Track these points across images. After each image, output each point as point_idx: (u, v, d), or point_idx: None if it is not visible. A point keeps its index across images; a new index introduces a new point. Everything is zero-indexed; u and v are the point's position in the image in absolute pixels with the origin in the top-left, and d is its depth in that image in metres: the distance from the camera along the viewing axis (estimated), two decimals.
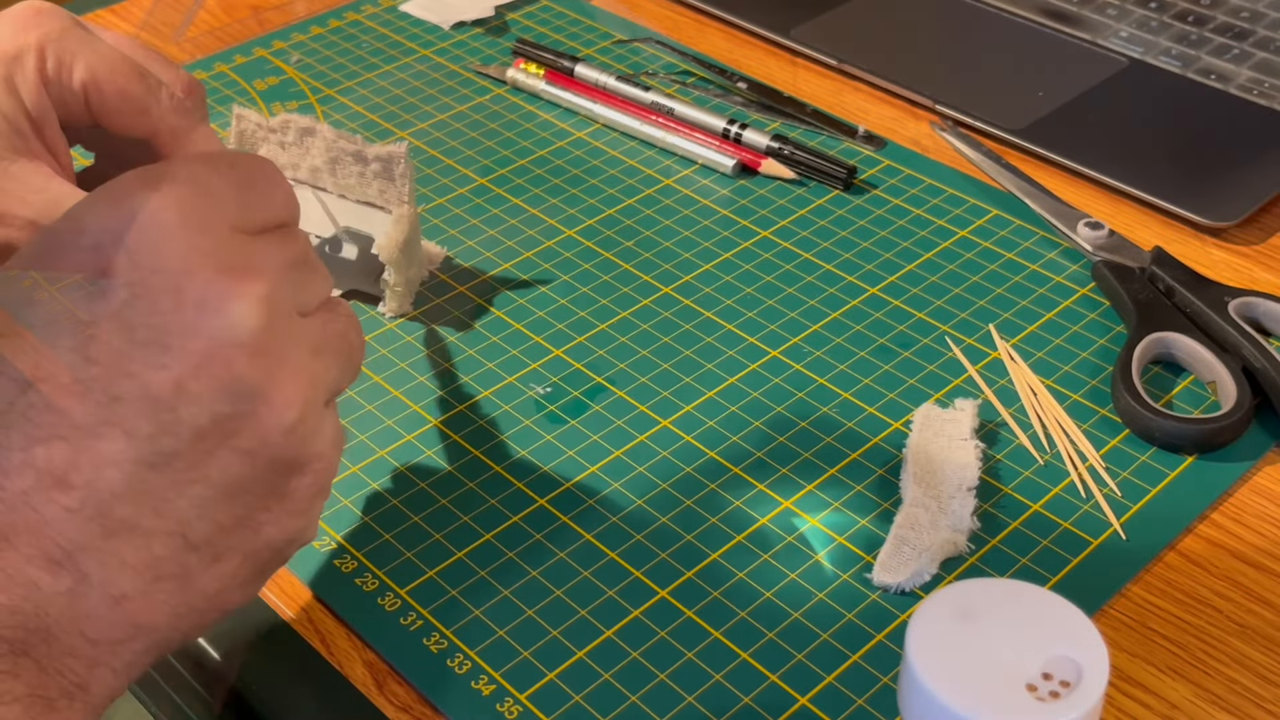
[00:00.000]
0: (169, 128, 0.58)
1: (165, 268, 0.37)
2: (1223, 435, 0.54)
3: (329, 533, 0.52)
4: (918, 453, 0.54)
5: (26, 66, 0.56)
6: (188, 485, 0.37)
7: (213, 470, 0.38)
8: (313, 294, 0.42)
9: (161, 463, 0.37)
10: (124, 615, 0.37)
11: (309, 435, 0.39)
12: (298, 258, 0.41)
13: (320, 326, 0.41)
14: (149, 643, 0.38)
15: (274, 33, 0.82)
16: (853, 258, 0.65)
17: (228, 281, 0.37)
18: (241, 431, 0.38)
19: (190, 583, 0.38)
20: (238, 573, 0.40)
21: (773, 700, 0.46)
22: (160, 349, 0.37)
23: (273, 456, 0.39)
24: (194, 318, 0.37)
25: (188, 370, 0.37)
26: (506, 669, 0.47)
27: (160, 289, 0.37)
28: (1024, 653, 0.35)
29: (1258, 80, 0.75)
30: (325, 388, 0.41)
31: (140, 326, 0.37)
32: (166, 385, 0.37)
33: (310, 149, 0.62)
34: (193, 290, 0.37)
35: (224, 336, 0.37)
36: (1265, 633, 0.48)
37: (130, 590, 0.37)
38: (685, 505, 0.53)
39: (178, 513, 0.37)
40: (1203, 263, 0.64)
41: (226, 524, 0.39)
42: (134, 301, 0.37)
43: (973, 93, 0.75)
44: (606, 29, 0.82)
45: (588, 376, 0.59)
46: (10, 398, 0.36)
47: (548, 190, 0.70)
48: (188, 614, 0.39)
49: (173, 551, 0.38)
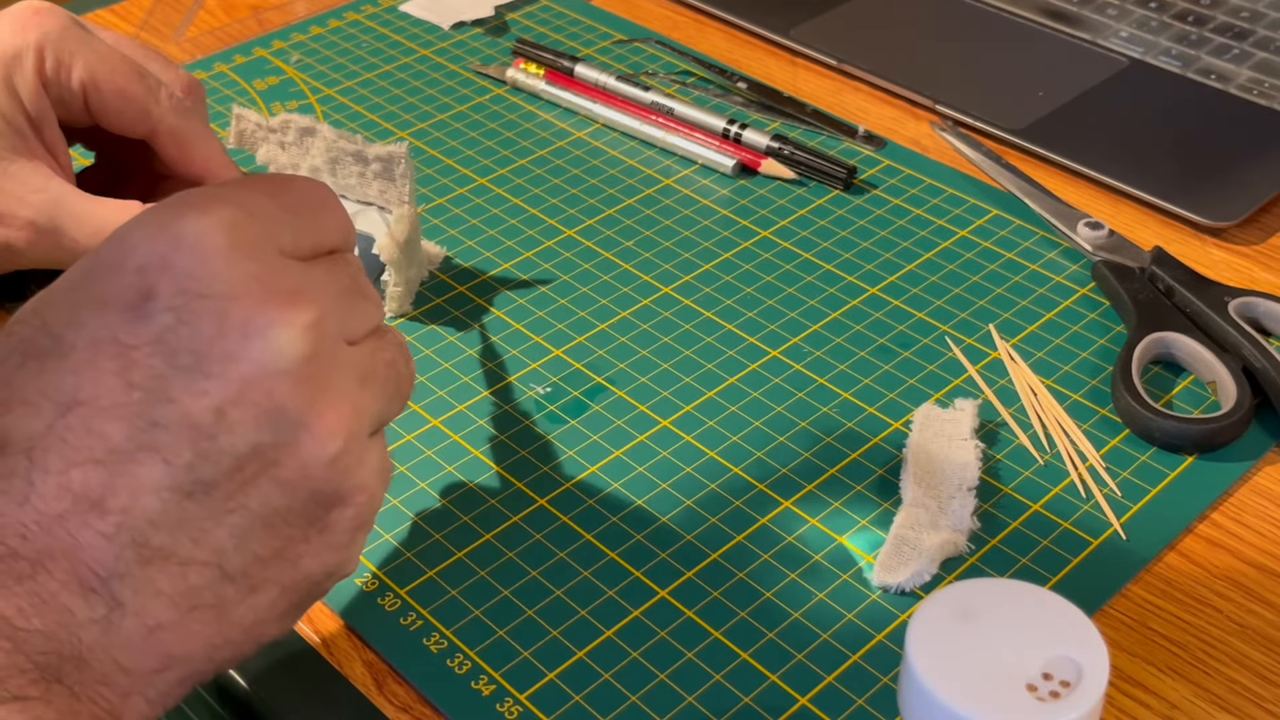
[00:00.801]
0: (168, 128, 0.58)
1: (210, 292, 0.36)
2: (1223, 435, 0.54)
3: None
4: (918, 453, 0.54)
5: (25, 66, 0.56)
6: (226, 515, 0.37)
7: (251, 500, 0.37)
8: (362, 321, 0.41)
9: (199, 491, 0.36)
10: (158, 644, 0.37)
11: (352, 467, 0.38)
12: (348, 284, 0.40)
13: (369, 355, 0.40)
14: (183, 673, 0.38)
15: (274, 33, 0.82)
16: (853, 258, 0.65)
17: (273, 308, 0.37)
18: (282, 461, 0.37)
19: (226, 614, 0.38)
20: (275, 605, 0.39)
21: (773, 700, 0.46)
22: (202, 375, 0.36)
23: (313, 488, 0.38)
24: (237, 344, 0.36)
25: (229, 397, 0.36)
26: (506, 669, 0.47)
27: (204, 313, 0.36)
28: (1024, 653, 0.35)
29: (1258, 80, 0.75)
30: (370, 418, 0.40)
31: (183, 351, 0.36)
32: (207, 412, 0.36)
33: (310, 149, 0.62)
34: (237, 316, 0.36)
35: (267, 363, 0.36)
36: (1265, 633, 0.48)
37: (165, 619, 0.37)
38: (685, 505, 0.53)
39: (215, 542, 0.37)
40: (1203, 263, 0.64)
41: (264, 555, 0.38)
42: (177, 326, 0.36)
43: (973, 93, 0.75)
44: (606, 29, 0.82)
45: (588, 376, 0.59)
46: (49, 420, 0.36)
47: (548, 190, 0.70)
48: (223, 645, 0.38)
49: (209, 581, 0.37)
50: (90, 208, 0.56)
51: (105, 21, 0.84)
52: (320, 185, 0.42)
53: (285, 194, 0.40)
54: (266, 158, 0.63)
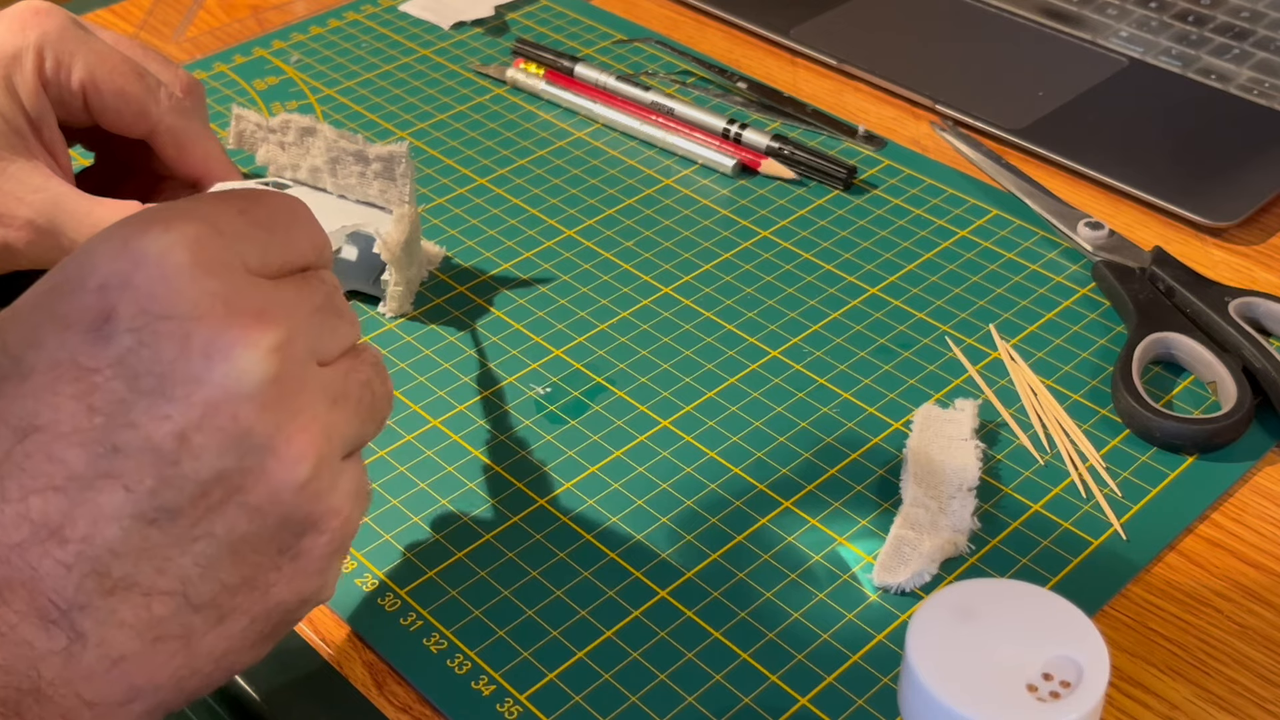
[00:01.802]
0: (167, 127, 0.58)
1: (173, 313, 0.35)
2: (1223, 435, 0.54)
3: None
4: (918, 453, 0.54)
5: (25, 66, 0.56)
6: (191, 542, 0.36)
7: (218, 527, 0.36)
8: (335, 341, 0.40)
9: (163, 518, 0.35)
10: (122, 676, 0.36)
11: (323, 491, 0.37)
12: (320, 302, 0.39)
13: (341, 376, 0.39)
14: (150, 705, 0.37)
15: (274, 33, 0.82)
16: (853, 258, 0.65)
17: (238, 328, 0.35)
18: (249, 487, 0.36)
19: (193, 644, 0.37)
20: (245, 634, 0.38)
21: (773, 700, 0.46)
22: (165, 399, 0.35)
23: (283, 514, 0.37)
24: (201, 366, 0.35)
25: (192, 422, 0.35)
26: (506, 669, 0.47)
27: (166, 335, 0.35)
28: (1024, 653, 0.35)
29: (1258, 80, 0.75)
30: (343, 440, 0.39)
31: (145, 374, 0.35)
32: (169, 437, 0.35)
33: (311, 149, 0.62)
34: (200, 337, 0.35)
35: (231, 387, 0.35)
36: (1265, 633, 0.48)
37: (129, 651, 0.35)
38: (685, 505, 0.53)
39: (180, 571, 0.36)
40: (1203, 263, 0.64)
41: (232, 583, 0.37)
42: (139, 348, 0.35)
43: (973, 93, 0.75)
44: (606, 29, 0.82)
45: (588, 376, 0.59)
46: (7, 446, 0.35)
47: (548, 190, 0.70)
48: (191, 675, 0.37)
49: (174, 611, 0.36)
50: (89, 208, 0.56)
51: (105, 21, 0.84)
52: (293, 200, 0.41)
53: (255, 209, 0.39)
54: (266, 158, 0.63)
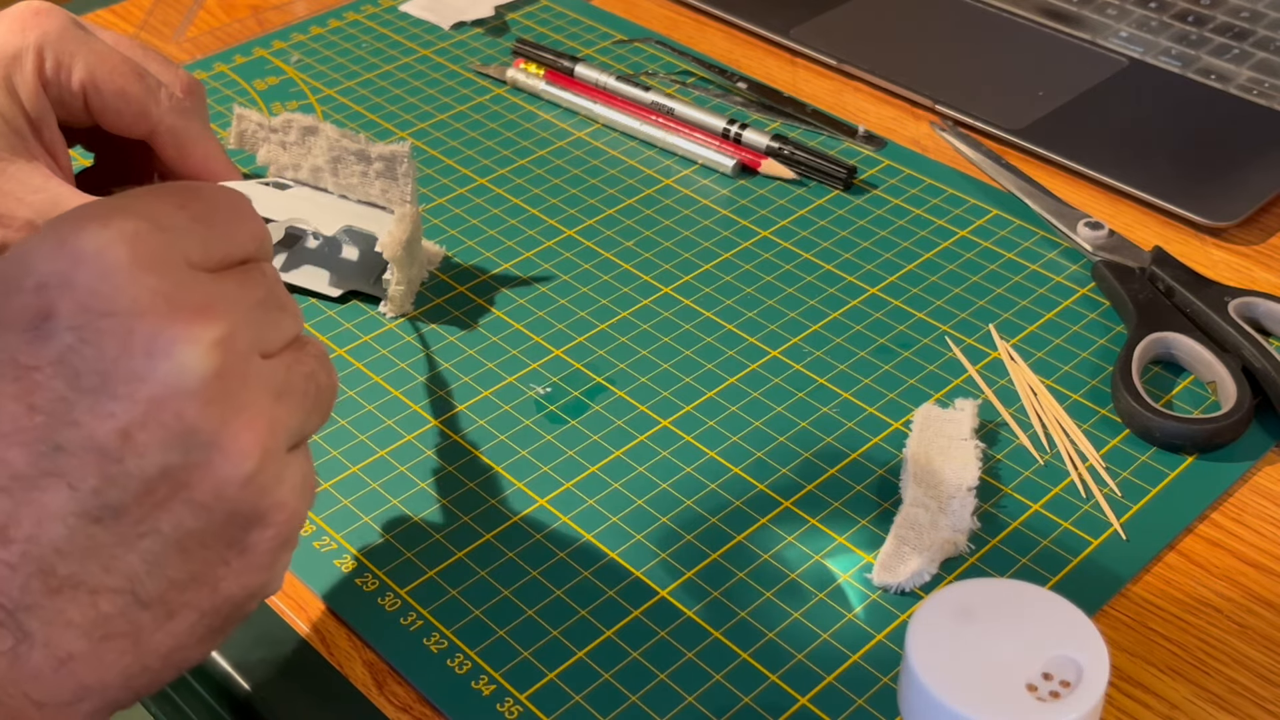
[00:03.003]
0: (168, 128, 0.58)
1: (113, 309, 0.35)
2: (1223, 435, 0.54)
3: (329, 533, 0.52)
4: (918, 453, 0.54)
5: (25, 67, 0.56)
6: (137, 540, 0.35)
7: (164, 524, 0.35)
8: (279, 334, 0.39)
9: (108, 516, 0.35)
10: (71, 676, 0.35)
11: (269, 485, 0.37)
12: (262, 295, 0.39)
13: (285, 369, 0.39)
14: (99, 703, 0.36)
15: (274, 33, 0.82)
16: (853, 258, 0.65)
17: (180, 324, 0.35)
18: (194, 483, 0.36)
19: (142, 641, 0.36)
20: (194, 630, 0.37)
21: (773, 700, 0.46)
22: (107, 396, 0.34)
23: (229, 509, 0.36)
24: (143, 363, 0.35)
25: (135, 419, 0.35)
26: (506, 669, 0.47)
27: (107, 332, 0.35)
28: (1024, 653, 0.35)
29: (1258, 80, 0.75)
30: (288, 433, 0.38)
31: (86, 372, 0.34)
32: (113, 435, 0.34)
33: (312, 148, 0.62)
34: (141, 333, 0.35)
35: (174, 383, 0.35)
36: (1265, 633, 0.48)
37: (77, 650, 0.35)
38: (685, 505, 0.53)
39: (126, 568, 0.35)
40: (1203, 263, 0.64)
41: (180, 580, 0.36)
42: (80, 346, 0.34)
43: (973, 93, 0.75)
44: (606, 29, 0.82)
45: (588, 376, 0.59)
46: None
47: (548, 190, 0.70)
48: (140, 673, 0.37)
49: (122, 609, 0.36)
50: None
51: (105, 21, 0.84)
52: (233, 193, 0.40)
53: (194, 203, 0.38)
54: (267, 158, 0.63)
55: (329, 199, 0.62)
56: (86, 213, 0.37)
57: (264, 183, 0.63)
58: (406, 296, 0.62)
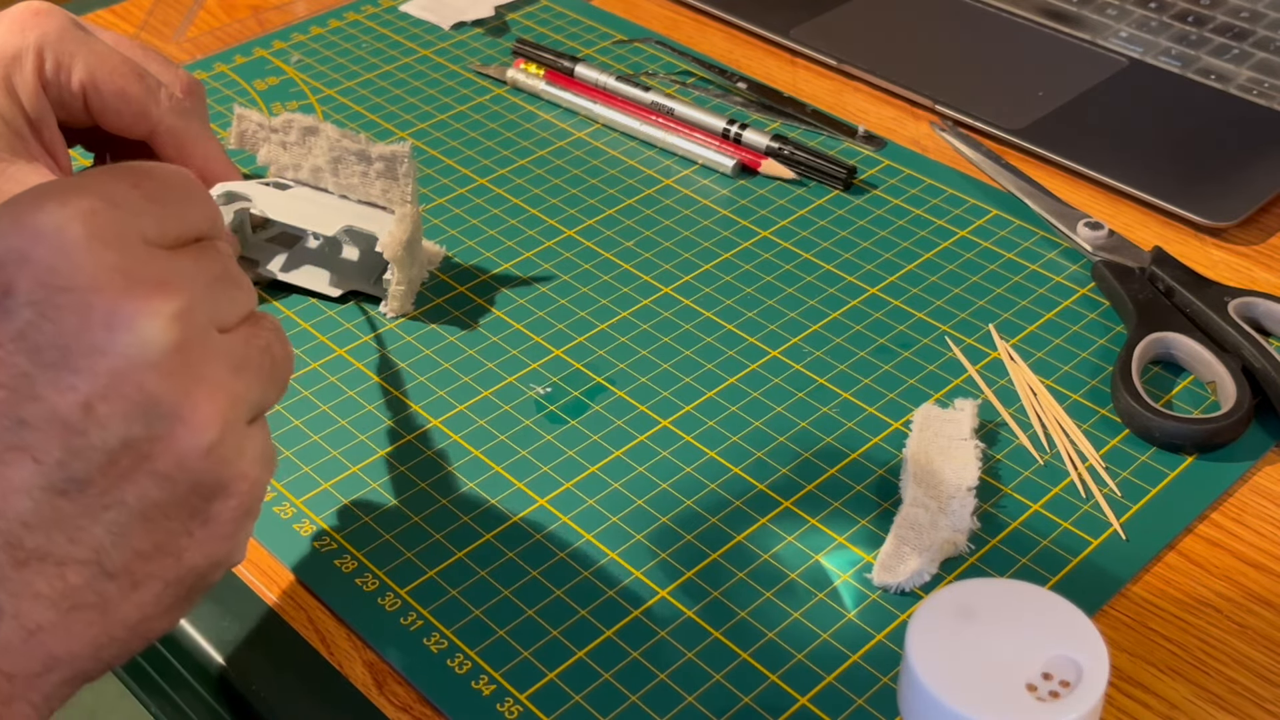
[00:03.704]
0: (168, 128, 0.58)
1: (72, 285, 0.35)
2: (1223, 435, 0.54)
3: (329, 533, 0.52)
4: (917, 453, 0.54)
5: (25, 67, 0.56)
6: (102, 511, 0.36)
7: (128, 495, 0.36)
8: (234, 309, 0.40)
9: (73, 489, 0.35)
10: (40, 647, 0.36)
11: (231, 456, 0.38)
12: (218, 272, 0.40)
13: (242, 342, 0.39)
14: (68, 674, 0.37)
15: (274, 33, 0.82)
16: (853, 258, 0.65)
17: (139, 298, 0.36)
18: (157, 455, 0.36)
19: (109, 612, 0.37)
20: (160, 600, 0.38)
21: (773, 700, 0.46)
22: (69, 370, 0.35)
23: (192, 480, 0.37)
24: (102, 337, 0.35)
25: (97, 391, 0.35)
26: (506, 669, 0.47)
27: (67, 307, 0.35)
28: (1024, 653, 0.35)
29: (1258, 80, 0.75)
30: (248, 405, 0.39)
31: (47, 347, 0.35)
32: (75, 408, 0.35)
33: (313, 148, 0.62)
34: (101, 308, 0.35)
35: (134, 355, 0.35)
36: (1265, 633, 0.48)
37: (45, 622, 0.36)
38: (685, 505, 0.53)
39: (92, 540, 0.36)
40: (1203, 263, 0.64)
41: (145, 550, 0.37)
42: (39, 321, 0.35)
43: (973, 93, 0.75)
44: (606, 29, 0.82)
45: (588, 376, 0.59)
46: None
47: (548, 190, 0.70)
48: (108, 644, 0.37)
49: (89, 580, 0.36)
50: None
51: (105, 22, 0.84)
52: (183, 172, 0.41)
53: (147, 182, 0.39)
54: (267, 158, 0.63)
55: (329, 199, 0.62)
56: (43, 191, 0.37)
57: (264, 183, 0.63)
58: (407, 296, 0.62)
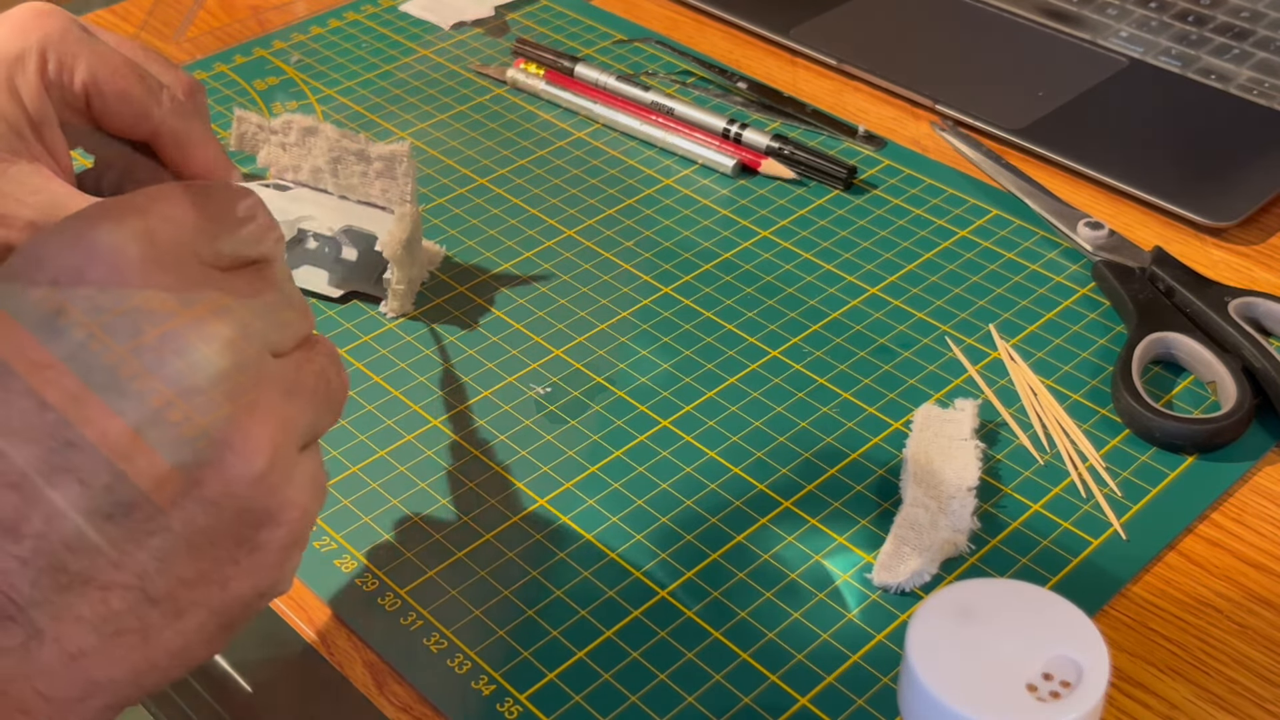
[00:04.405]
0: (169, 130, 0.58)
1: (125, 307, 0.35)
2: (1223, 435, 0.54)
3: (329, 533, 0.52)
4: (918, 453, 0.54)
5: (27, 68, 0.56)
6: (147, 537, 0.35)
7: (174, 521, 0.35)
8: (290, 333, 0.39)
9: (119, 513, 0.35)
10: (81, 672, 0.35)
11: (280, 484, 0.37)
12: (274, 295, 0.39)
13: (295, 367, 0.39)
14: (108, 700, 0.36)
15: (274, 33, 0.83)
16: (853, 258, 0.65)
17: (192, 322, 0.35)
18: (205, 481, 0.35)
19: (151, 639, 0.36)
20: (203, 628, 0.37)
21: (773, 700, 0.46)
22: (118, 394, 0.34)
23: (240, 507, 0.36)
24: (154, 361, 0.35)
25: (147, 416, 0.35)
26: (506, 669, 0.47)
27: (119, 329, 0.35)
28: (1024, 653, 0.35)
29: (1258, 80, 0.75)
30: (299, 432, 0.38)
31: (98, 369, 0.34)
32: (124, 432, 0.34)
33: (312, 149, 0.62)
34: (153, 330, 0.35)
35: (186, 380, 0.35)
36: (1265, 633, 0.48)
37: (87, 646, 0.35)
38: (685, 505, 0.53)
39: (137, 565, 0.35)
40: (1203, 263, 0.64)
41: (190, 578, 0.36)
42: (91, 343, 0.35)
43: (973, 93, 0.75)
44: (606, 29, 0.83)
45: (588, 376, 0.59)
46: None
47: (548, 190, 0.70)
48: (149, 670, 0.37)
49: (131, 606, 0.36)
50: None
51: (105, 22, 0.84)
52: (245, 191, 0.40)
53: (206, 202, 0.39)
54: (267, 159, 0.63)
55: (329, 199, 0.62)
56: (100, 210, 0.37)
57: (264, 184, 0.63)
58: (407, 296, 0.62)
